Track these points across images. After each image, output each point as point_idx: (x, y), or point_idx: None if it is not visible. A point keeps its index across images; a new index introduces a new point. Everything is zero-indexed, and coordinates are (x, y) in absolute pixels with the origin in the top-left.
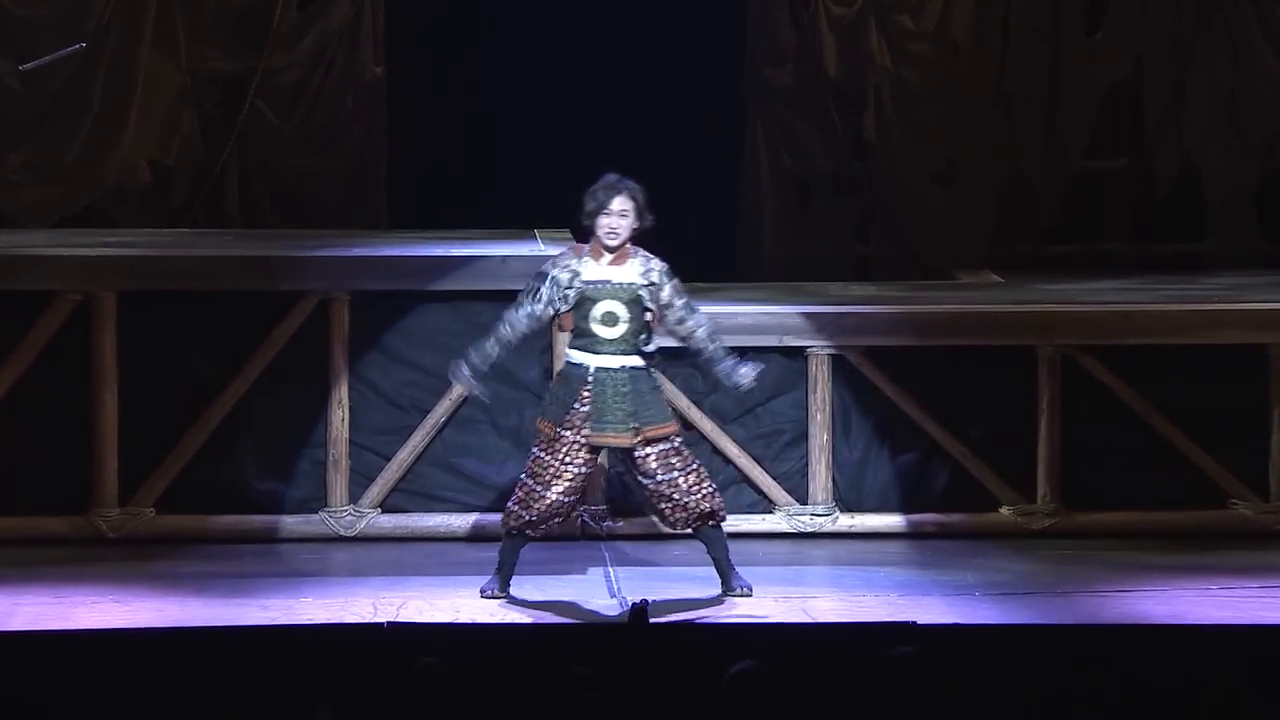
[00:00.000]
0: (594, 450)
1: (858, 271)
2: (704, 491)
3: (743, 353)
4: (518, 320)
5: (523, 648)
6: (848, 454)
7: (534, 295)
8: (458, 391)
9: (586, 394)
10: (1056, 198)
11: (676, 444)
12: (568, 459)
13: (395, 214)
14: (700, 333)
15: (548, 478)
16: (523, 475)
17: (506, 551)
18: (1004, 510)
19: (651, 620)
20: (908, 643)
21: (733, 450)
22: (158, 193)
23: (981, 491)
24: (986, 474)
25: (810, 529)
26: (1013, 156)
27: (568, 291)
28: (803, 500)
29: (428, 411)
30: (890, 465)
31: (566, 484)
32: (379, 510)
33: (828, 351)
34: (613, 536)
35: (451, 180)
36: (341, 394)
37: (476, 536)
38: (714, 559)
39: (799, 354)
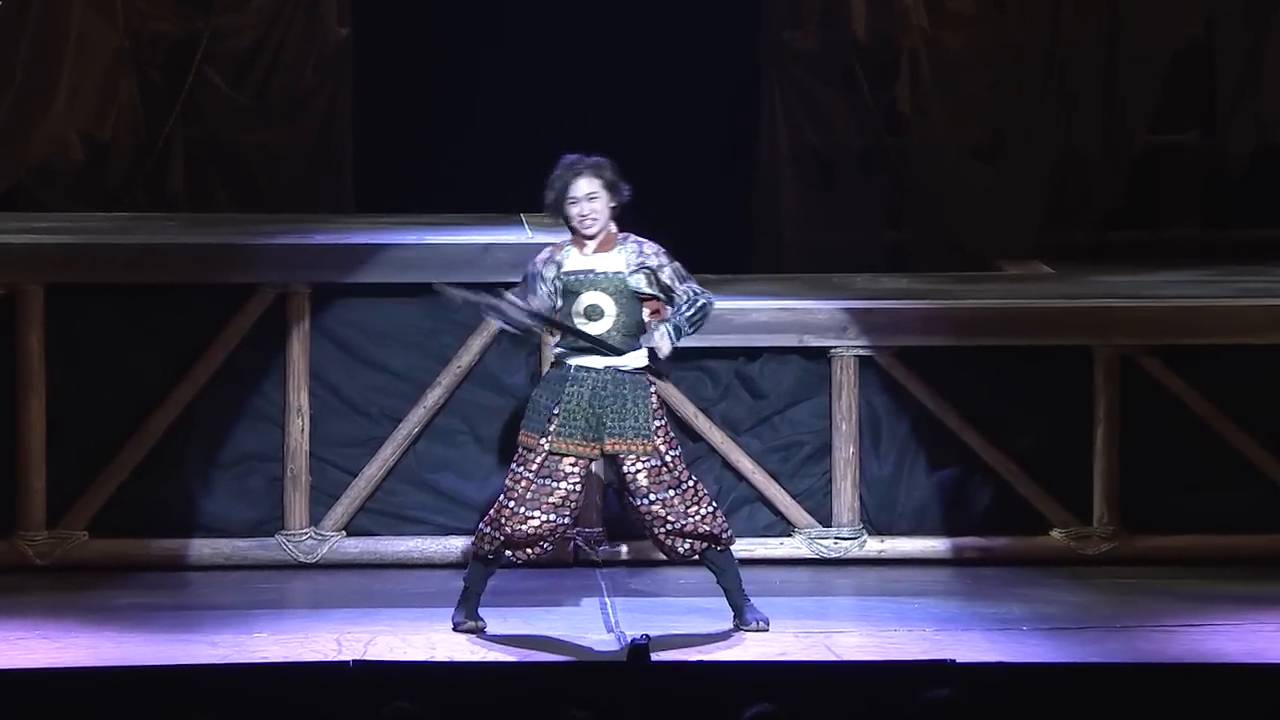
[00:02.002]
0: (584, 465)
1: (889, 261)
2: (702, 512)
3: (757, 354)
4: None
5: (507, 689)
6: (877, 469)
7: (531, 289)
8: (434, 397)
9: (564, 397)
10: (1116, 177)
11: (669, 459)
12: (552, 475)
13: (362, 196)
14: (695, 297)
15: (527, 496)
16: (501, 494)
17: (473, 578)
18: (1055, 533)
19: (654, 658)
20: (945, 684)
21: (746, 465)
22: (91, 172)
23: (1029, 512)
24: (1035, 492)
25: (834, 554)
26: (1066, 131)
27: (556, 285)
28: (826, 522)
29: (399, 421)
30: (925, 482)
31: (552, 504)
32: (343, 533)
33: (854, 353)
34: (610, 563)
35: (426, 157)
36: (301, 401)
37: (455, 563)
38: (724, 589)
39: (822, 355)
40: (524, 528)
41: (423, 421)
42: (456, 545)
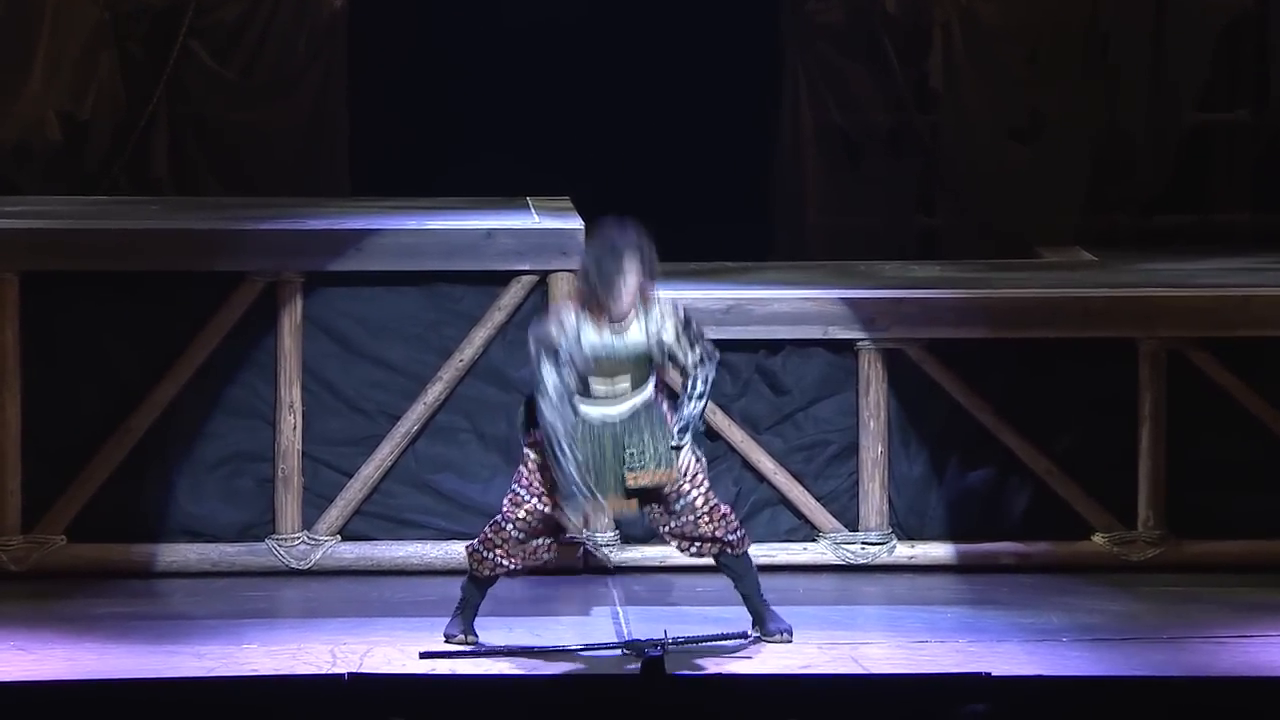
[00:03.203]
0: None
1: (920, 248)
2: (712, 520)
3: (780, 346)
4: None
5: (511, 705)
6: (907, 470)
7: (546, 368)
8: (435, 392)
9: (591, 455)
10: (1163, 158)
11: (683, 484)
12: (544, 493)
13: (358, 178)
14: (697, 372)
15: (520, 514)
16: (500, 513)
17: (470, 591)
18: (1097, 538)
19: (669, 671)
20: (981, 698)
21: (768, 466)
22: (70, 153)
23: (1070, 515)
24: (1076, 494)
25: (861, 560)
26: (1110, 108)
27: (570, 357)
28: (852, 526)
29: (397, 418)
30: (958, 484)
31: (555, 526)
32: (338, 538)
33: (883, 345)
34: (622, 569)
35: (426, 137)
36: (292, 397)
37: (456, 569)
38: (743, 595)
39: (848, 348)
40: (514, 546)
41: (422, 419)
42: (458, 550)
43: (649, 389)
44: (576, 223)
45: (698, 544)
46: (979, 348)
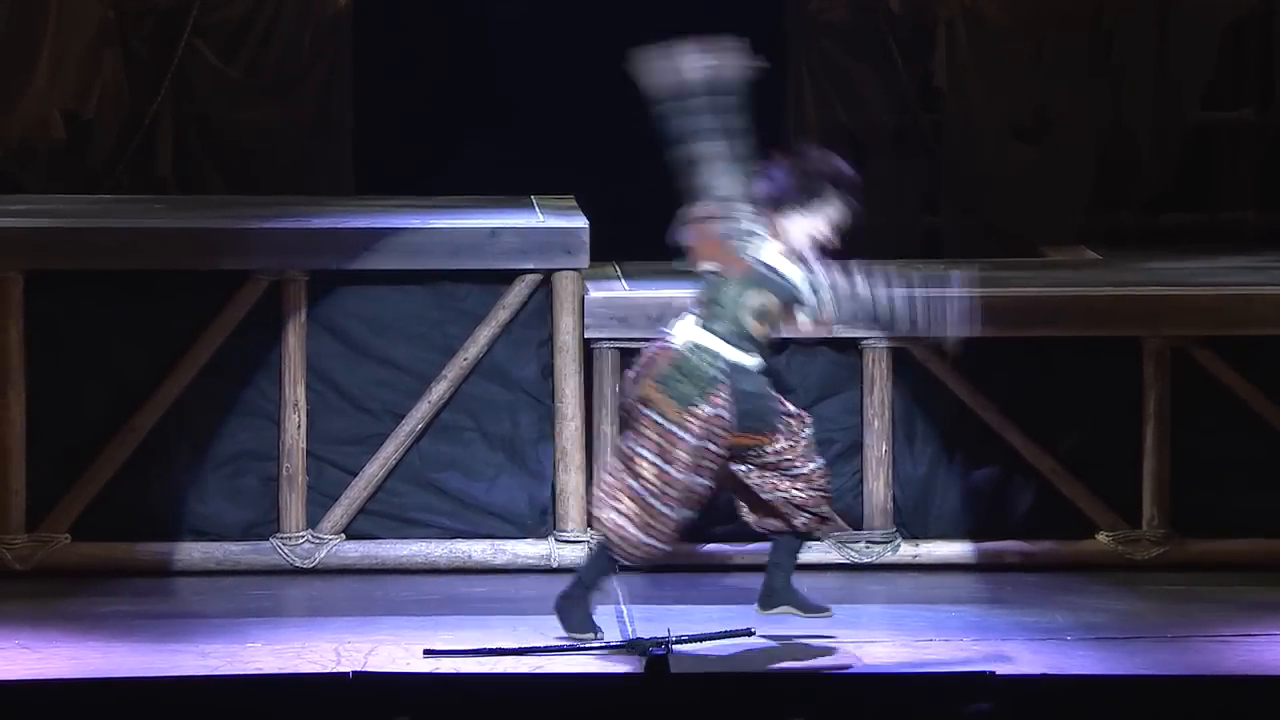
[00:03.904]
0: (722, 456)
1: (924, 247)
2: (818, 499)
3: (783, 345)
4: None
5: (516, 703)
6: (911, 469)
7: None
8: (439, 391)
9: (723, 391)
10: (1167, 157)
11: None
12: (698, 466)
13: (362, 177)
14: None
15: (673, 493)
16: (635, 488)
17: (593, 576)
18: (1102, 537)
19: (673, 670)
20: (985, 697)
21: None
22: (74, 152)
23: (1074, 514)
24: (1080, 493)
25: (866, 559)
26: (1114, 107)
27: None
28: (856, 525)
29: (402, 416)
30: (963, 482)
31: (697, 498)
32: (343, 536)
33: (887, 345)
34: (626, 567)
35: (430, 136)
36: (297, 395)
37: (461, 568)
38: (771, 564)
39: (852, 347)
40: (674, 528)
41: (427, 417)
42: (463, 549)
43: (754, 361)
44: (581, 221)
45: (804, 515)
46: (984, 347)
